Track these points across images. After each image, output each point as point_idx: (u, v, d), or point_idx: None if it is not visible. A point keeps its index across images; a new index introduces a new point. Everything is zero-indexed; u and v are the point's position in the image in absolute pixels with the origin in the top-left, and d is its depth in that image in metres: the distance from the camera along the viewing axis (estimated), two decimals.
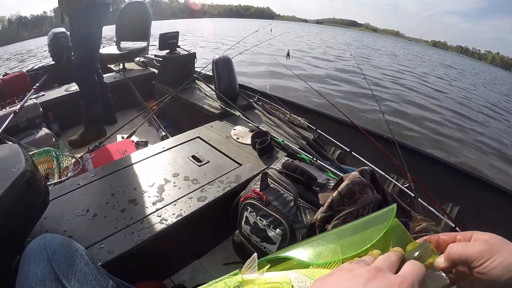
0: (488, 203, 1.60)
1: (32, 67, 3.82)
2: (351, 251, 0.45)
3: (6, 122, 2.13)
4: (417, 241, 0.46)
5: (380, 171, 1.69)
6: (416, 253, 0.42)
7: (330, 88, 7.36)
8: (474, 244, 0.42)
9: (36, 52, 13.44)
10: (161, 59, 2.97)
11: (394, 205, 0.48)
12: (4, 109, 2.48)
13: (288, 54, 3.32)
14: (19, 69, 3.64)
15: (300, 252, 0.51)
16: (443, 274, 0.41)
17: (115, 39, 3.70)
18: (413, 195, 1.51)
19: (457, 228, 1.35)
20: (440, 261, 0.43)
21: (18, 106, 2.33)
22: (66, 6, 2.36)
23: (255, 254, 0.49)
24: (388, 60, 17.00)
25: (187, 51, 2.92)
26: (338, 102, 5.72)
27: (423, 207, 1.48)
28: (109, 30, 3.59)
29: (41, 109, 2.52)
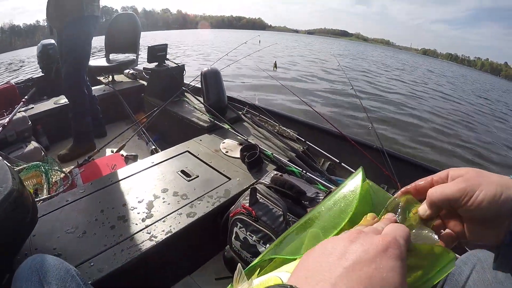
0: None
1: (21, 79, 3.79)
2: (332, 230, 0.44)
3: None
4: (395, 194, 0.46)
5: (371, 182, 1.71)
6: (398, 210, 0.43)
7: (319, 99, 7.40)
8: (453, 184, 0.41)
9: (28, 62, 13.34)
10: (150, 72, 2.98)
11: (360, 168, 0.48)
12: None
13: (275, 65, 3.35)
14: (7, 81, 3.62)
15: (282, 249, 0.49)
16: (432, 234, 0.40)
17: (104, 51, 3.70)
18: None
19: None
20: (424, 208, 0.43)
21: (7, 119, 2.31)
22: (55, 19, 2.37)
23: (239, 265, 0.49)
24: (377, 69, 17.17)
25: (175, 63, 2.94)
26: (327, 113, 5.75)
27: None
28: (99, 41, 3.58)
29: (30, 122, 2.50)
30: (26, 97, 2.95)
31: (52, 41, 3.52)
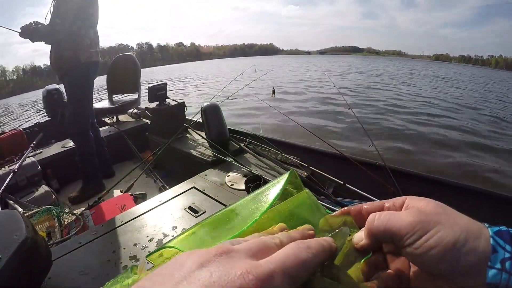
0: (492, 215, 1.56)
1: (28, 125, 3.91)
2: (227, 231, 0.36)
3: (6, 182, 2.20)
4: (333, 214, 0.38)
5: (377, 200, 1.72)
6: (330, 232, 0.33)
7: (318, 122, 7.49)
8: (403, 214, 0.31)
9: None
10: (152, 111, 3.07)
11: (290, 171, 0.41)
12: (3, 168, 2.54)
13: (273, 92, 3.42)
14: (16, 127, 3.73)
15: (181, 241, 0.38)
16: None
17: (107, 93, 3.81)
18: None
19: None
20: (360, 236, 0.33)
21: (17, 165, 2.39)
22: (56, 67, 2.48)
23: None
24: (384, 83, 17.25)
25: (176, 101, 3.03)
26: (327, 136, 5.79)
27: None
28: (102, 81, 3.72)
29: (39, 167, 2.58)
30: (34, 142, 3.04)
31: (56, 86, 3.66)
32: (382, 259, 0.35)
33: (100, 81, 2.95)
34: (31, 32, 2.32)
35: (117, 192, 2.40)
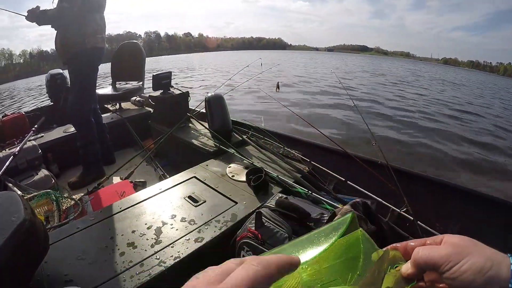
0: (489, 217, 1.58)
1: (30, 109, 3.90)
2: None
3: (6, 164, 2.18)
4: (383, 249, 0.43)
5: (378, 198, 1.72)
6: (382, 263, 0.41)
7: (322, 119, 7.47)
8: (441, 247, 0.39)
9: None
10: (156, 99, 3.05)
11: (351, 213, 0.45)
12: (4, 151, 2.53)
13: (278, 86, 3.39)
14: (18, 111, 3.72)
15: None
16: None
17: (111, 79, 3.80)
18: (412, 218, 1.53)
19: None
20: (407, 266, 0.41)
21: (18, 148, 2.38)
22: (61, 52, 2.46)
23: None
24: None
25: (180, 90, 3.01)
26: (330, 132, 5.78)
27: (424, 229, 1.49)
28: (107, 68, 3.70)
29: (40, 151, 2.57)
30: (35, 126, 3.02)
31: (60, 70, 3.64)
32: (425, 285, 0.42)
33: (105, 68, 2.92)
34: (37, 15, 2.30)
35: (117, 179, 2.39)
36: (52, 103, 3.79)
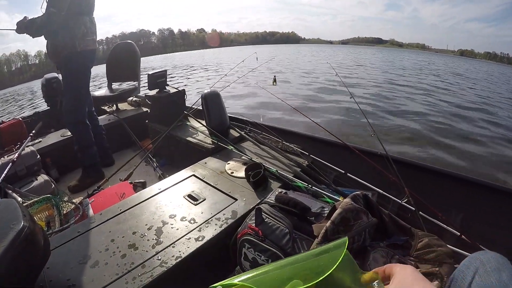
0: (491, 205, 1.57)
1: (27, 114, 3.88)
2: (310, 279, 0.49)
3: (5, 172, 2.18)
4: (368, 272, 0.52)
5: (379, 190, 1.71)
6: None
7: (320, 111, 7.43)
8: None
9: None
10: (152, 99, 3.04)
11: (346, 238, 0.54)
12: (2, 158, 2.52)
13: (274, 80, 3.37)
14: (15, 117, 3.70)
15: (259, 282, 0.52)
16: None
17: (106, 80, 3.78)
18: (414, 209, 1.52)
19: (463, 236, 1.35)
20: None
21: (16, 154, 2.37)
22: (52, 56, 2.45)
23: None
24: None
25: (176, 88, 3.00)
26: (329, 124, 5.76)
27: (426, 219, 1.49)
28: (102, 69, 3.69)
29: (38, 156, 2.56)
30: (33, 131, 3.02)
31: (55, 74, 3.61)
32: None
33: (100, 69, 2.91)
34: (26, 25, 2.28)
35: (116, 181, 2.39)
36: (49, 107, 3.78)
